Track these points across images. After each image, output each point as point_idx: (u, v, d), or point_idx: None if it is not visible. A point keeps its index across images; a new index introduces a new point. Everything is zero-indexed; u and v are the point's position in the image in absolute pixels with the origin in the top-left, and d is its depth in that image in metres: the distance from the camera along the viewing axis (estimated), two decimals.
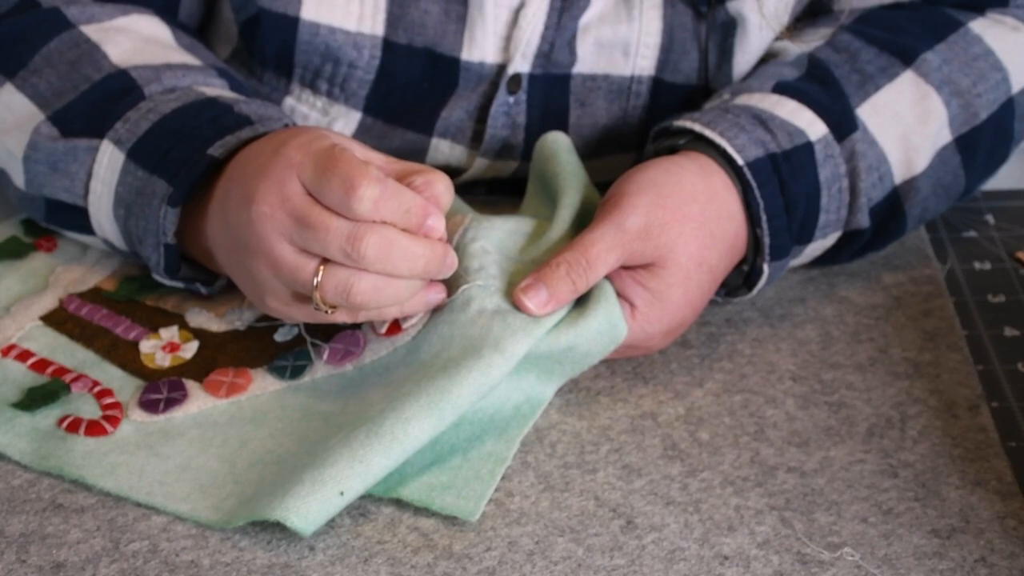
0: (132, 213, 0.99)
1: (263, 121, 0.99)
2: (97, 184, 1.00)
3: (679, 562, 0.87)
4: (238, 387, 0.98)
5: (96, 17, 1.06)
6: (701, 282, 0.99)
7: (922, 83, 1.06)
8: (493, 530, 0.89)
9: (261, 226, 0.91)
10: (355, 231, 0.88)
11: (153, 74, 1.02)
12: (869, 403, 0.98)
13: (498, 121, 1.11)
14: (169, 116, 0.99)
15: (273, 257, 0.91)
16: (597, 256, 0.95)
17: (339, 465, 0.88)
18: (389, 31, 1.09)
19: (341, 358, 0.98)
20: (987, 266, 1.12)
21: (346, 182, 0.88)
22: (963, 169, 1.08)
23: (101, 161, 1.00)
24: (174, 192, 0.96)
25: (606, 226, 0.96)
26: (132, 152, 0.99)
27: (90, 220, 1.02)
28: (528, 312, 0.94)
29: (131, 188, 0.99)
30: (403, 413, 0.90)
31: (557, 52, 1.09)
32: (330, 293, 0.90)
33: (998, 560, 0.87)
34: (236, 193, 0.93)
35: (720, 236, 0.99)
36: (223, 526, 0.89)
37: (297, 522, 0.86)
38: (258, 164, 0.93)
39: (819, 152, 1.02)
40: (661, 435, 0.96)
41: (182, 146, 0.98)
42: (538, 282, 0.95)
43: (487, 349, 0.92)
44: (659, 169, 1.00)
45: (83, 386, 0.98)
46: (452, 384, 0.91)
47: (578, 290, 0.96)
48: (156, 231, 0.97)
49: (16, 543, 0.88)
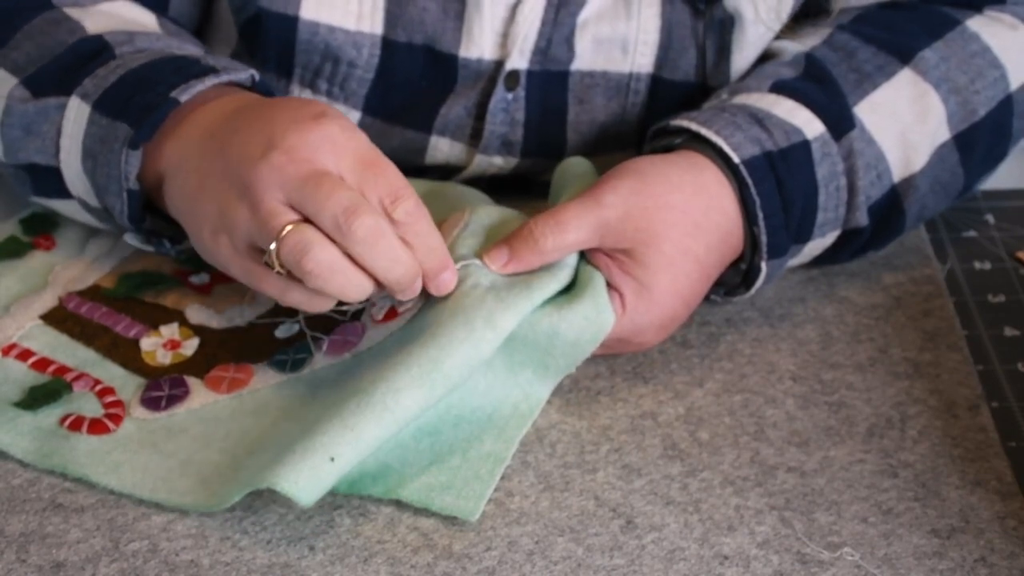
0: (98, 163, 0.98)
1: (228, 70, 0.99)
2: (66, 140, 1.00)
3: (679, 562, 0.87)
4: (239, 382, 0.98)
5: (80, 2, 1.06)
6: (688, 271, 0.98)
7: (920, 81, 1.06)
8: (493, 530, 0.89)
9: (267, 171, 0.89)
10: (356, 205, 0.88)
11: (127, 37, 1.02)
12: (869, 403, 0.98)
13: (497, 118, 1.11)
14: (136, 69, 0.99)
15: (258, 200, 0.89)
16: (567, 221, 0.95)
17: (330, 433, 0.88)
18: (388, 29, 1.09)
19: (340, 349, 0.99)
20: (987, 266, 1.12)
21: (392, 187, 0.89)
22: (962, 167, 1.08)
23: (68, 117, 0.99)
24: (135, 134, 0.95)
25: (582, 198, 0.97)
26: (97, 103, 0.98)
27: (64, 180, 1.02)
28: (493, 271, 0.95)
29: (96, 138, 0.98)
30: (394, 383, 0.90)
31: (555, 48, 1.09)
32: (287, 248, 0.88)
33: (998, 560, 0.87)
34: (254, 133, 0.92)
35: (707, 227, 0.99)
36: (218, 507, 0.89)
37: (288, 488, 0.86)
38: (290, 118, 0.91)
39: (816, 150, 1.02)
40: (661, 435, 0.96)
41: (145, 92, 0.97)
42: (503, 244, 0.96)
43: (480, 322, 0.92)
44: (644, 161, 1.00)
45: (85, 385, 0.98)
46: (443, 355, 0.91)
47: (542, 251, 0.95)
48: (118, 176, 0.96)
49: (16, 543, 0.88)
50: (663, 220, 0.97)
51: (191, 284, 1.07)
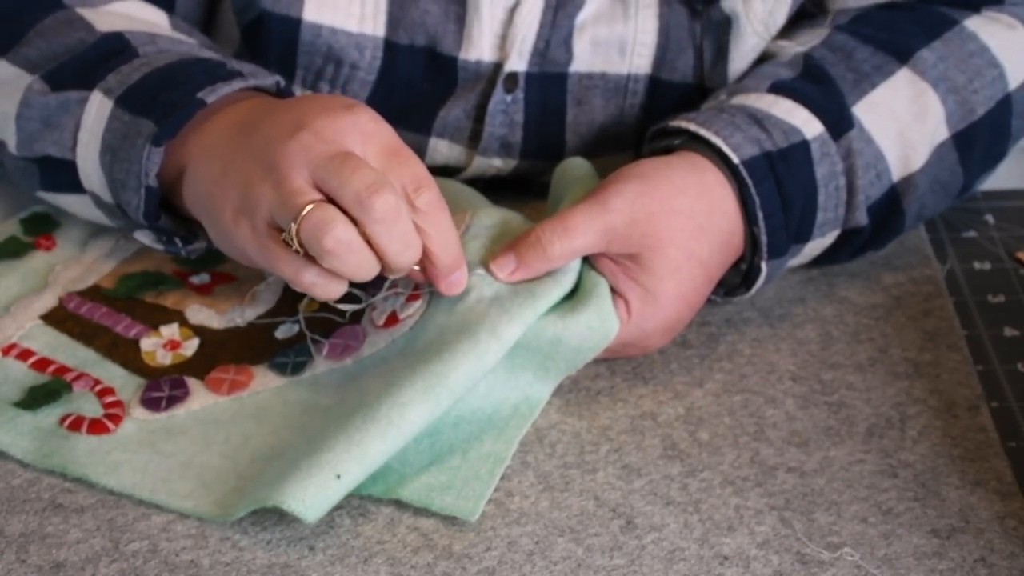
0: (117, 158, 0.98)
1: (255, 75, 0.99)
2: (84, 134, 1.00)
3: (679, 562, 0.87)
4: (240, 384, 0.98)
5: (91, 2, 1.06)
6: (693, 275, 0.98)
7: (918, 80, 1.06)
8: (493, 530, 0.89)
9: (294, 148, 0.90)
10: (379, 183, 0.88)
11: (149, 39, 1.03)
12: (869, 403, 0.98)
13: (496, 120, 1.11)
14: (162, 68, 0.99)
15: (283, 177, 0.90)
16: (575, 227, 0.95)
17: (336, 450, 0.88)
18: (390, 32, 1.09)
19: (341, 353, 0.98)
20: (987, 266, 1.12)
21: (416, 176, 0.90)
22: (961, 166, 1.08)
23: (89, 111, 0.99)
24: (159, 131, 0.96)
25: (588, 203, 0.97)
26: (120, 99, 0.98)
27: (78, 174, 1.02)
28: (499, 280, 0.95)
29: (117, 133, 0.98)
30: (399, 398, 0.90)
31: (553, 50, 1.09)
32: (308, 225, 0.88)
33: (998, 560, 0.87)
34: (283, 118, 0.92)
35: (710, 230, 0.99)
36: (224, 519, 0.89)
37: (295, 506, 0.86)
38: (321, 105, 0.92)
39: (815, 150, 1.02)
40: (661, 435, 0.96)
41: (172, 91, 0.97)
42: (509, 250, 0.96)
43: (483, 334, 0.92)
44: (647, 164, 1.00)
45: (84, 385, 0.98)
46: (448, 369, 0.91)
47: (550, 257, 0.95)
48: (139, 172, 0.96)
49: (16, 543, 0.88)
50: (668, 225, 0.97)
51: (191, 284, 1.07)
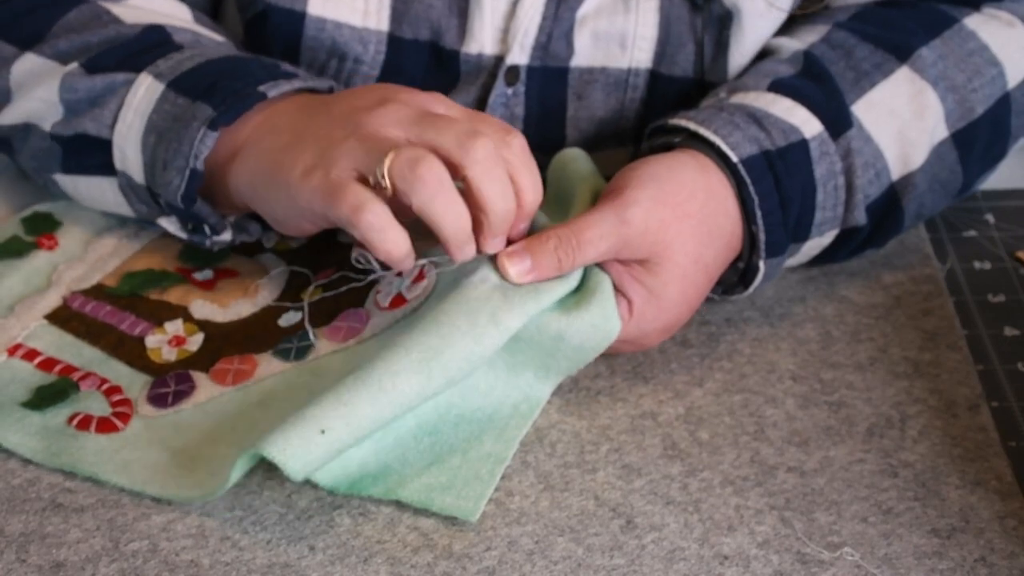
0: (164, 139, 0.99)
1: (308, 78, 1.02)
2: (128, 113, 1.01)
3: (679, 562, 0.87)
4: (244, 373, 0.99)
5: None
6: (697, 280, 0.98)
7: (917, 79, 1.06)
8: (493, 530, 0.89)
9: (383, 112, 0.92)
10: (475, 131, 0.90)
11: (192, 35, 1.05)
12: (869, 403, 0.98)
13: (496, 113, 1.11)
14: (219, 60, 1.01)
15: (373, 131, 0.91)
16: (589, 240, 0.95)
17: (323, 405, 0.88)
18: (394, 26, 1.09)
19: (344, 336, 0.99)
20: (987, 266, 1.12)
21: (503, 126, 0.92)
22: (960, 165, 1.08)
23: (136, 92, 1.01)
24: (218, 116, 0.97)
25: (605, 212, 0.96)
26: (173, 83, 1.00)
27: (112, 154, 1.02)
28: (507, 278, 0.94)
29: (167, 115, 0.99)
30: (393, 365, 0.90)
31: (555, 44, 1.09)
32: (401, 160, 0.88)
33: (998, 560, 0.87)
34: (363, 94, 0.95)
35: (717, 233, 0.99)
36: (222, 489, 0.88)
37: (276, 455, 0.86)
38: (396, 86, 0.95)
39: (814, 149, 1.02)
40: (661, 435, 0.96)
41: (233, 80, 0.99)
42: (524, 251, 0.95)
43: (483, 317, 0.92)
44: (660, 165, 0.99)
45: (91, 384, 0.99)
46: (444, 345, 0.90)
47: (562, 268, 0.95)
48: (187, 154, 0.97)
49: (16, 543, 0.88)
50: (680, 231, 0.97)
51: (195, 280, 1.07)
